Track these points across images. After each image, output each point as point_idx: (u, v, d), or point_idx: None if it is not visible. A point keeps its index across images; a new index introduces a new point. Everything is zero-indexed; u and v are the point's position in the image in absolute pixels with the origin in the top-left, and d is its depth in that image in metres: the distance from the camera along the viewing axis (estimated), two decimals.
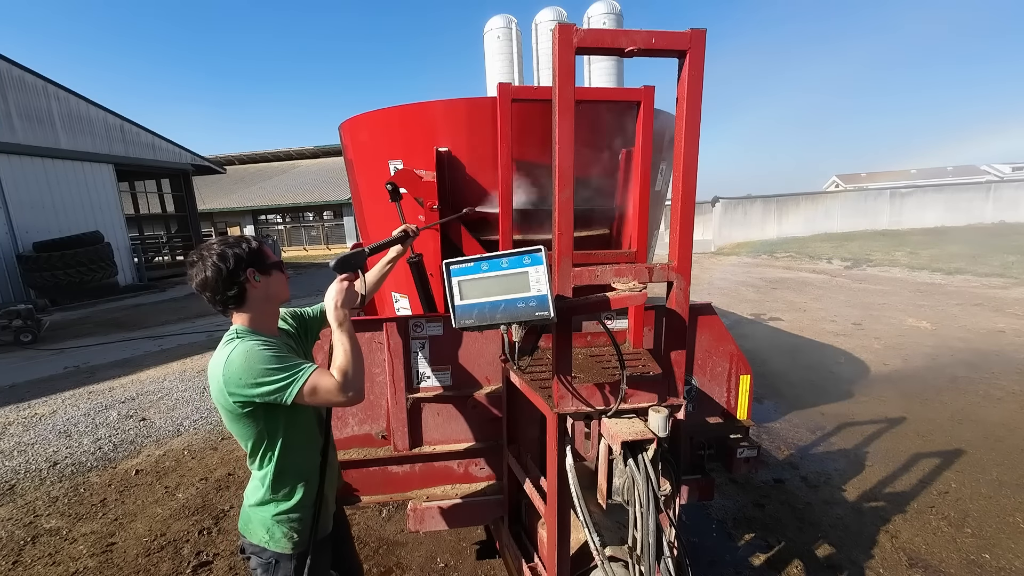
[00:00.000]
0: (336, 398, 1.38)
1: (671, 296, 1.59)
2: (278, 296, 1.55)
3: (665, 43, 1.36)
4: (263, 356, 1.37)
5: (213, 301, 1.45)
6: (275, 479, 1.51)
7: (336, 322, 1.46)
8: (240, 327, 1.48)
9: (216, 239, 1.48)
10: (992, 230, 19.77)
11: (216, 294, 1.42)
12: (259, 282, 1.47)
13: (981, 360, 6.07)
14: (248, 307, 1.47)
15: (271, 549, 1.54)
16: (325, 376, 1.39)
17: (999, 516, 3.18)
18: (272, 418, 1.45)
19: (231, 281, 1.42)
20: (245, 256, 1.44)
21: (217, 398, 1.43)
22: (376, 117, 2.85)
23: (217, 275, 1.40)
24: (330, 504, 1.69)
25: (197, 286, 1.43)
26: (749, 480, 3.61)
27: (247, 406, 1.40)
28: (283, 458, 1.50)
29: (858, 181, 44.01)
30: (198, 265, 1.42)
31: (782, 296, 10.58)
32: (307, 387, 1.36)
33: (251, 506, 1.56)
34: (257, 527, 1.55)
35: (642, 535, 1.48)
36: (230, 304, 1.46)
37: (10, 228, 12.55)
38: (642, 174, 2.23)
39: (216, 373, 1.40)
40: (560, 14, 4.84)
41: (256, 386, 1.35)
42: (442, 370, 2.32)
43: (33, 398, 5.90)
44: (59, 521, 3.45)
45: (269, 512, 1.53)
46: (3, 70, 12.74)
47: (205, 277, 1.41)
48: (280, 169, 34.24)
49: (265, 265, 1.49)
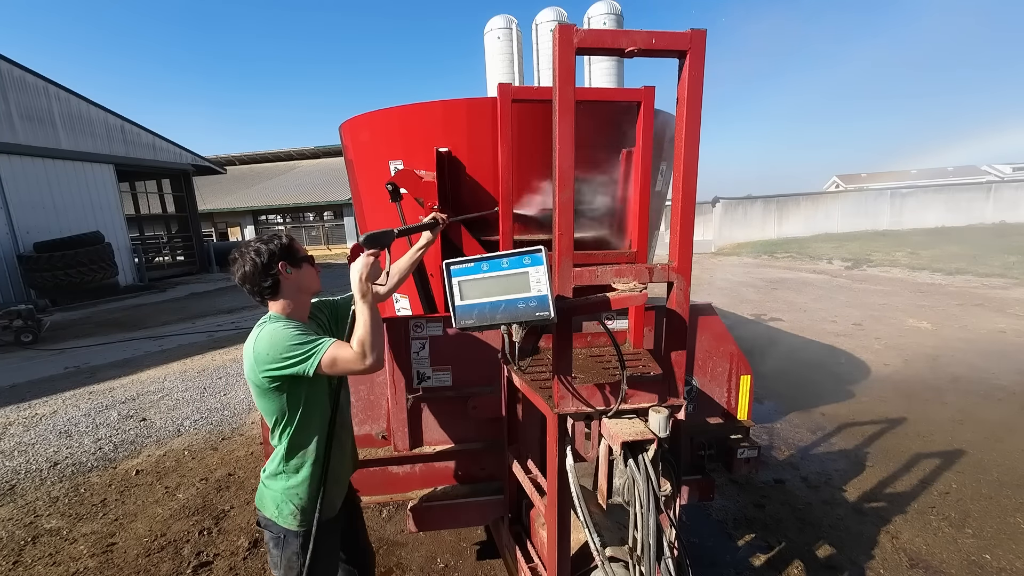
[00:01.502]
0: (356, 366, 1.47)
1: (671, 296, 1.59)
2: (309, 287, 1.68)
3: (665, 43, 1.36)
4: (287, 334, 1.51)
5: (252, 292, 1.60)
6: (287, 454, 1.64)
7: (359, 293, 1.52)
8: (272, 314, 1.63)
9: (253, 238, 1.64)
10: (993, 230, 19.76)
11: (254, 285, 1.58)
12: (291, 274, 1.61)
13: (982, 360, 6.06)
14: (282, 296, 1.62)
15: (279, 524, 1.66)
16: (344, 347, 1.49)
17: (1000, 517, 3.18)
18: (293, 395, 1.58)
19: (265, 273, 1.57)
20: (277, 251, 1.59)
21: (248, 375, 1.58)
22: (376, 117, 2.85)
23: (254, 268, 1.56)
24: (336, 488, 1.77)
25: (238, 280, 1.60)
26: (749, 480, 3.61)
27: (274, 381, 1.53)
28: (296, 435, 1.62)
29: (858, 181, 43.99)
30: (238, 261, 1.59)
31: (782, 296, 10.57)
32: (326, 358, 1.47)
33: (265, 479, 1.70)
34: (268, 501, 1.68)
35: (642, 535, 1.48)
36: (266, 294, 1.61)
37: (11, 228, 12.57)
38: (642, 174, 2.23)
39: (248, 352, 1.56)
40: (560, 14, 4.85)
41: (281, 360, 1.49)
42: (442, 370, 2.32)
43: (34, 398, 5.90)
44: (59, 521, 3.45)
45: (279, 486, 1.66)
46: (4, 70, 12.76)
47: (244, 271, 1.57)
48: (280, 169, 34.25)
49: (296, 259, 1.63)
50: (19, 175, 12.91)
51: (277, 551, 1.69)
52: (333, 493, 1.74)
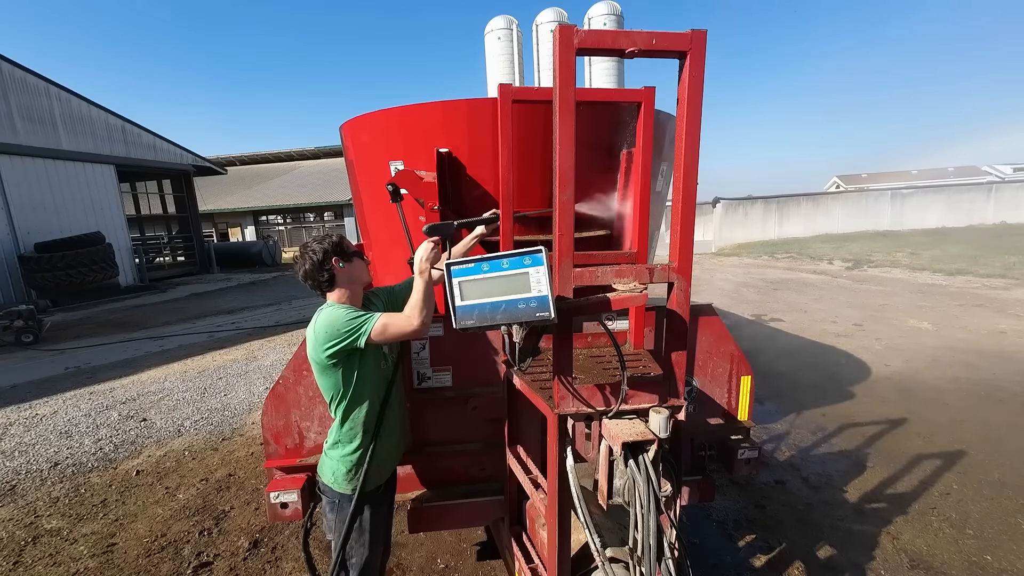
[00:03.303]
0: (405, 328, 1.68)
1: (672, 297, 1.59)
2: (360, 278, 1.89)
3: (665, 44, 1.36)
4: (341, 314, 1.73)
5: (313, 286, 1.82)
6: (342, 425, 1.86)
7: (418, 271, 1.71)
8: (330, 301, 1.83)
9: (312, 237, 1.84)
10: (993, 231, 19.75)
11: (314, 280, 1.81)
12: (343, 267, 1.82)
13: (983, 361, 6.06)
14: (338, 287, 1.83)
15: (335, 489, 1.88)
16: (393, 315, 1.71)
17: (1001, 518, 3.17)
18: (348, 372, 1.80)
19: (322, 268, 1.79)
20: (330, 248, 1.80)
21: (311, 355, 1.79)
22: (377, 118, 2.85)
23: (312, 265, 1.79)
24: (386, 458, 1.97)
25: (301, 277, 1.83)
26: (750, 481, 3.61)
27: (333, 358, 1.74)
28: (352, 408, 1.84)
29: (859, 182, 43.97)
30: (300, 260, 1.82)
31: (783, 297, 10.57)
32: (377, 325, 1.68)
33: (326, 450, 1.92)
34: (326, 469, 1.90)
35: (643, 536, 1.47)
36: (324, 287, 1.82)
37: (12, 229, 12.58)
38: (643, 175, 2.23)
39: (310, 335, 1.78)
40: (561, 15, 4.85)
41: (338, 335, 1.70)
42: (443, 371, 2.32)
43: (34, 398, 5.90)
44: (60, 521, 3.46)
45: (336, 454, 1.88)
46: (5, 71, 12.78)
47: (305, 269, 1.80)
48: (281, 170, 34.26)
49: (346, 254, 1.84)
50: (20, 176, 12.93)
51: (332, 514, 1.90)
52: (382, 463, 1.94)
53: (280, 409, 2.25)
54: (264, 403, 2.24)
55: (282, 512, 2.14)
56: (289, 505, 2.13)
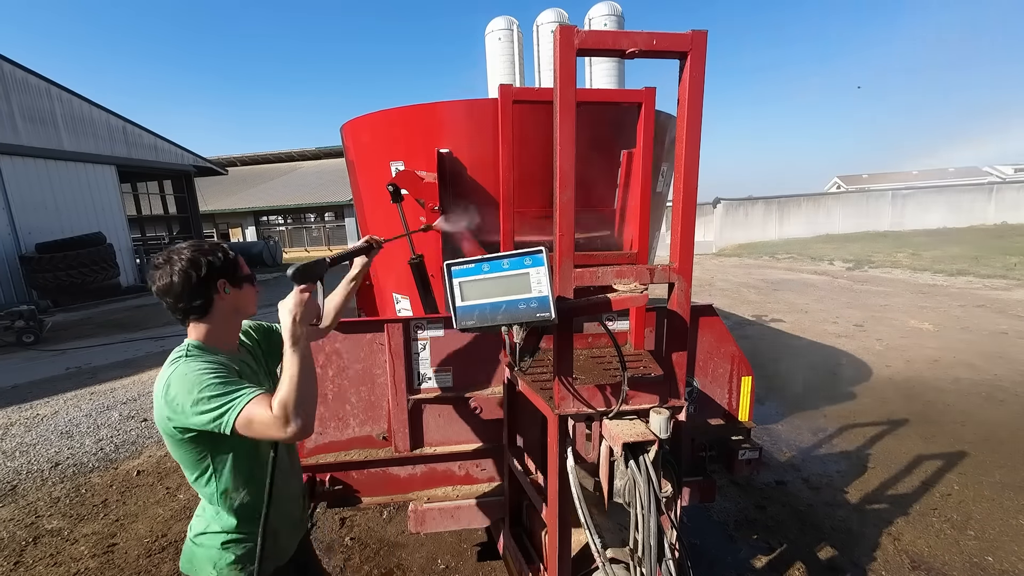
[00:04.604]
0: (273, 432, 1.19)
1: (672, 297, 1.59)
2: (245, 310, 1.47)
3: (666, 44, 1.36)
4: (201, 380, 1.23)
5: (174, 309, 1.34)
6: (217, 512, 1.41)
7: (291, 339, 1.25)
8: (193, 342, 1.37)
9: (189, 243, 1.38)
10: (994, 231, 19.73)
11: (179, 302, 1.32)
12: (228, 294, 1.38)
13: (984, 362, 6.05)
14: (210, 319, 1.37)
15: None
16: (262, 407, 1.20)
17: (1002, 518, 3.17)
18: (217, 447, 1.34)
19: (199, 290, 1.32)
20: (219, 265, 1.35)
21: (158, 422, 1.31)
22: (378, 118, 2.85)
23: (185, 282, 1.30)
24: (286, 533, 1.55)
25: (159, 291, 1.32)
26: (750, 482, 3.60)
27: (188, 432, 1.28)
28: (229, 492, 1.38)
29: (860, 182, 43.94)
30: (164, 268, 1.32)
31: (783, 297, 10.56)
32: (242, 418, 1.20)
33: (195, 538, 1.44)
34: (203, 562, 1.42)
35: (643, 537, 1.47)
36: (192, 315, 1.35)
37: (13, 229, 12.60)
38: (643, 175, 2.23)
39: (158, 395, 1.29)
40: (561, 15, 4.85)
41: (191, 412, 1.23)
42: (443, 371, 2.32)
43: (35, 399, 5.91)
44: (61, 522, 3.46)
45: (212, 541, 1.41)
46: (7, 72, 12.80)
47: (170, 282, 1.30)
48: (282, 170, 34.32)
49: (238, 277, 1.41)
50: (21, 176, 12.95)
51: None
52: (283, 540, 1.53)
53: None
54: None
55: None
56: None
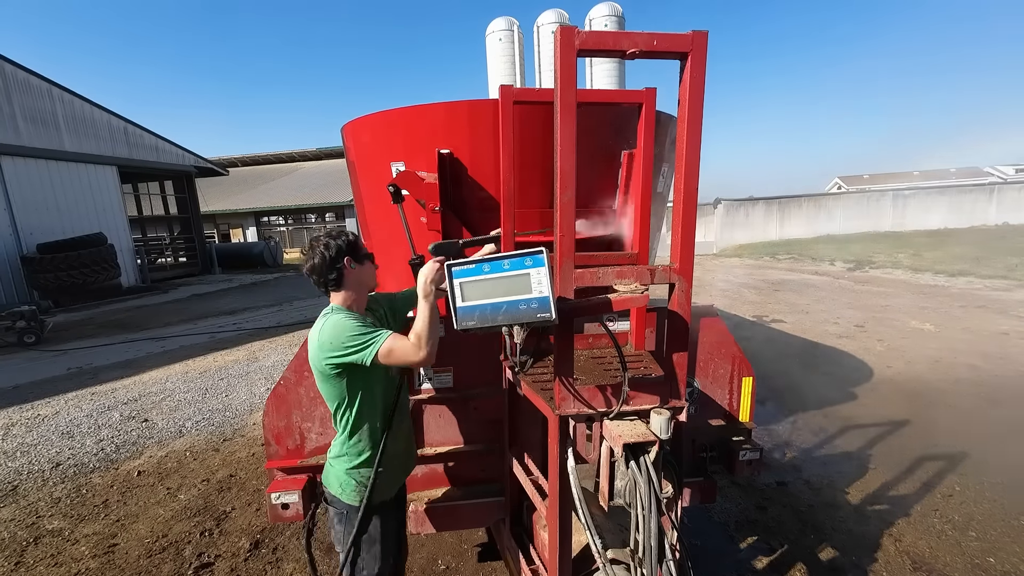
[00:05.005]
0: (410, 357, 1.59)
1: (673, 298, 1.59)
2: (368, 283, 1.83)
3: (666, 45, 1.36)
4: (348, 325, 1.64)
5: (318, 283, 1.73)
6: (349, 436, 1.78)
7: (423, 293, 1.63)
8: (334, 306, 1.75)
9: (325, 231, 1.77)
10: (996, 232, 19.70)
11: (320, 276, 1.72)
12: (354, 269, 1.75)
13: (985, 363, 6.04)
14: (344, 289, 1.75)
15: (343, 501, 1.81)
16: (400, 339, 1.61)
17: (1004, 519, 3.16)
18: (354, 382, 1.72)
19: (332, 266, 1.71)
20: (344, 247, 1.73)
21: (312, 361, 1.71)
22: (378, 119, 2.85)
23: (323, 261, 1.70)
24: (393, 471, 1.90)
25: (307, 270, 1.73)
26: (751, 483, 3.60)
27: (336, 368, 1.66)
28: (358, 419, 1.76)
29: (861, 183, 43.91)
30: (309, 253, 1.73)
31: (784, 298, 10.55)
32: (383, 348, 1.60)
33: (330, 459, 1.85)
34: (332, 479, 1.83)
35: (644, 538, 1.47)
36: (331, 285, 1.74)
37: (14, 230, 12.62)
38: (644, 176, 2.23)
39: (313, 340, 1.70)
40: (562, 16, 4.85)
41: (342, 348, 1.62)
42: (443, 372, 2.32)
43: (36, 399, 5.92)
44: (61, 522, 3.46)
45: (343, 466, 1.80)
46: (8, 73, 12.83)
47: (313, 263, 1.71)
48: (282, 171, 34.33)
49: (359, 255, 1.78)
50: (23, 177, 12.97)
51: (341, 526, 1.83)
52: (391, 476, 1.88)
53: (281, 410, 2.25)
54: (265, 404, 2.24)
55: (283, 513, 2.14)
56: (290, 506, 2.13)
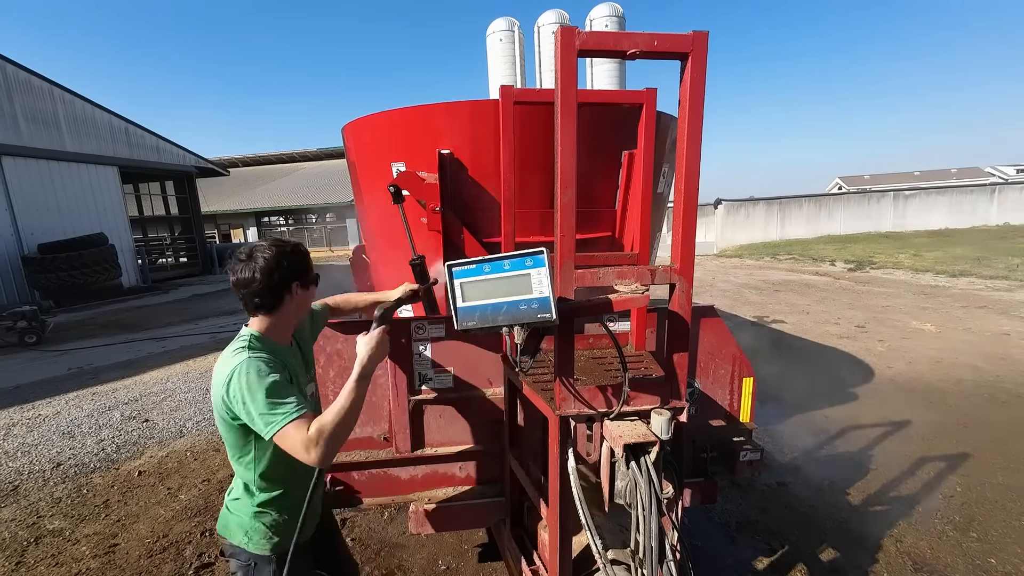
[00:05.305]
0: (299, 453, 1.28)
1: (673, 298, 1.59)
2: (305, 309, 1.59)
3: (667, 45, 1.36)
4: (261, 385, 1.32)
5: (248, 301, 1.43)
6: (259, 481, 1.50)
7: (359, 371, 1.41)
8: (255, 332, 1.46)
9: (271, 241, 1.47)
10: (997, 232, 19.68)
11: (255, 296, 1.42)
12: (297, 295, 1.49)
13: (986, 363, 6.03)
14: (276, 315, 1.47)
15: (249, 551, 1.53)
16: (300, 429, 1.29)
17: (1005, 520, 3.16)
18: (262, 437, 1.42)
19: (276, 289, 1.43)
20: (297, 268, 1.46)
21: (216, 403, 1.42)
22: (379, 119, 2.86)
23: (266, 280, 1.40)
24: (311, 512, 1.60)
25: (237, 282, 1.41)
26: (752, 483, 3.60)
27: (238, 419, 1.39)
28: (270, 465, 1.48)
29: (861, 183, 43.90)
30: (247, 263, 1.41)
31: (785, 298, 10.54)
32: (279, 433, 1.30)
33: (229, 503, 1.58)
34: (235, 528, 1.55)
35: (644, 538, 1.47)
36: (262, 309, 1.45)
37: (15, 230, 12.63)
38: (644, 176, 2.24)
39: (220, 380, 1.39)
40: (562, 17, 4.85)
41: (245, 412, 1.34)
42: (444, 372, 2.32)
43: (37, 399, 5.92)
44: (62, 522, 3.46)
45: (246, 511, 1.53)
46: (10, 73, 12.85)
47: (252, 277, 1.39)
48: (283, 171, 34.37)
49: (307, 279, 1.52)
50: (24, 177, 12.99)
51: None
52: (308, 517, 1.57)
53: None
54: None
55: None
56: None
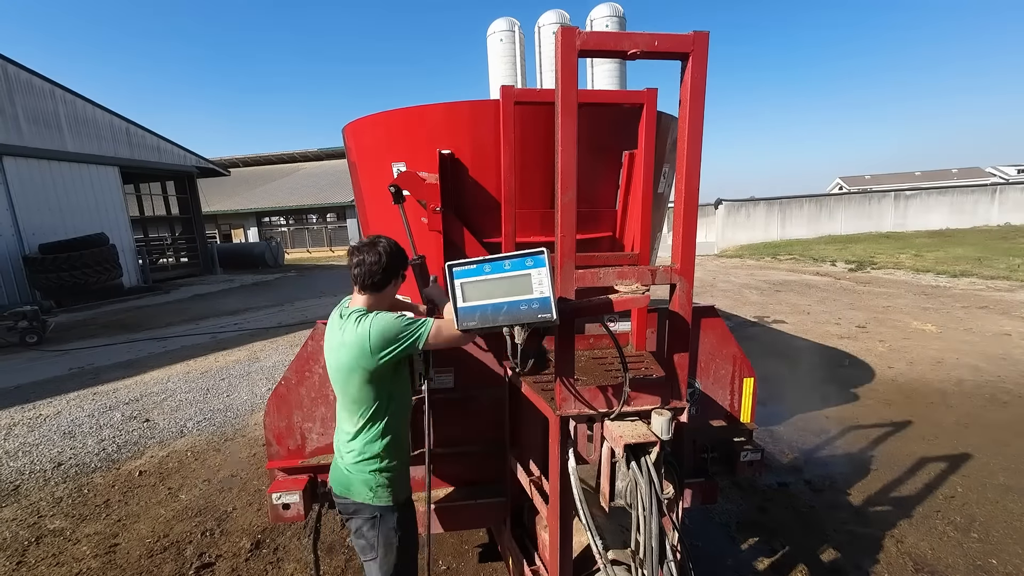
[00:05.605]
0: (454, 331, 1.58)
1: (674, 298, 1.59)
2: (393, 299, 1.91)
3: (668, 46, 1.36)
4: (395, 320, 1.68)
5: (368, 279, 1.73)
6: (379, 436, 1.77)
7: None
8: (362, 308, 1.76)
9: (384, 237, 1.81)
10: (998, 233, 19.65)
11: (376, 275, 1.73)
12: (398, 282, 1.83)
13: (987, 363, 6.02)
14: (380, 295, 1.79)
15: (375, 504, 1.78)
16: (443, 320, 1.69)
17: (1006, 521, 3.15)
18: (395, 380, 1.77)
19: (392, 271, 1.77)
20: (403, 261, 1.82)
21: (360, 363, 1.67)
22: (379, 120, 2.85)
23: (388, 262, 1.74)
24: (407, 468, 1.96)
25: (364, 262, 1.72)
26: (753, 484, 3.59)
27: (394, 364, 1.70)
28: (389, 417, 1.78)
29: (862, 183, 43.87)
30: (372, 249, 1.74)
31: (785, 299, 10.53)
32: (433, 329, 1.66)
33: (351, 465, 1.79)
34: (360, 486, 1.78)
35: (645, 538, 1.47)
36: (377, 288, 1.76)
37: (16, 230, 12.65)
38: (645, 176, 2.24)
39: (358, 342, 1.66)
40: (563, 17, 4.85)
41: (395, 340, 1.65)
42: (444, 372, 2.32)
43: (38, 399, 5.93)
44: (63, 522, 3.47)
45: (370, 467, 1.77)
46: (11, 73, 12.86)
47: (379, 258, 1.73)
48: (284, 171, 34.39)
49: (404, 273, 1.86)
50: (25, 177, 13.00)
51: (373, 531, 1.79)
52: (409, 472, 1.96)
53: (282, 410, 2.25)
54: (266, 404, 2.24)
55: (284, 513, 2.14)
56: (291, 506, 2.13)
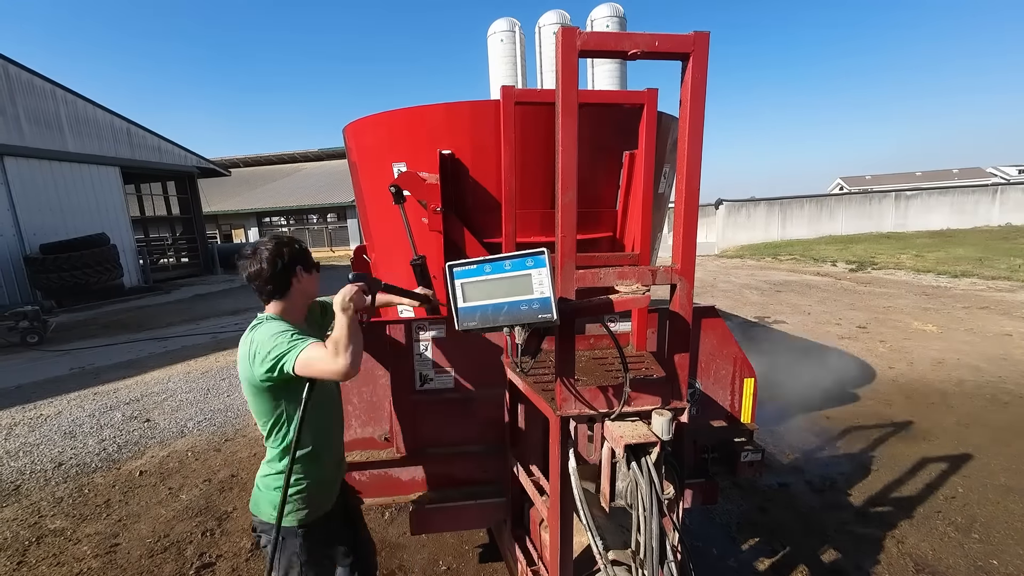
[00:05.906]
0: (327, 365, 1.46)
1: (674, 299, 1.58)
2: (312, 292, 1.77)
3: (668, 46, 1.36)
4: (276, 332, 1.56)
5: (261, 290, 1.65)
6: (286, 455, 1.64)
7: (340, 308, 1.54)
8: (269, 314, 1.67)
9: (270, 237, 1.70)
10: (999, 233, 19.63)
11: (267, 284, 1.63)
12: (302, 279, 1.69)
13: (988, 364, 6.02)
14: (286, 298, 1.68)
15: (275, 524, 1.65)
16: (319, 347, 1.50)
17: (1007, 521, 3.15)
18: (287, 396, 1.62)
19: (283, 275, 1.63)
20: (298, 255, 1.67)
21: (244, 374, 1.61)
22: (380, 120, 2.86)
23: (272, 268, 1.62)
24: (329, 486, 1.82)
25: (249, 276, 1.64)
26: (753, 484, 3.59)
27: (267, 380, 1.56)
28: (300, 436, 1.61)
29: (863, 183, 43.85)
30: (253, 258, 1.63)
31: (786, 299, 10.53)
32: (300, 359, 1.49)
33: (260, 482, 1.73)
34: (264, 504, 1.70)
35: (645, 539, 1.47)
36: (275, 295, 1.66)
37: (17, 230, 12.66)
38: (645, 177, 2.23)
39: (246, 351, 1.60)
40: (563, 17, 4.85)
41: (267, 357, 1.53)
42: (444, 372, 2.32)
43: (39, 399, 5.93)
44: (63, 522, 3.47)
45: (273, 483, 1.68)
46: (12, 74, 12.87)
47: (261, 268, 1.61)
48: (284, 172, 34.41)
49: (309, 264, 1.73)
50: (26, 177, 13.01)
51: (277, 554, 1.69)
52: (326, 490, 1.80)
53: None
54: None
55: None
56: None
